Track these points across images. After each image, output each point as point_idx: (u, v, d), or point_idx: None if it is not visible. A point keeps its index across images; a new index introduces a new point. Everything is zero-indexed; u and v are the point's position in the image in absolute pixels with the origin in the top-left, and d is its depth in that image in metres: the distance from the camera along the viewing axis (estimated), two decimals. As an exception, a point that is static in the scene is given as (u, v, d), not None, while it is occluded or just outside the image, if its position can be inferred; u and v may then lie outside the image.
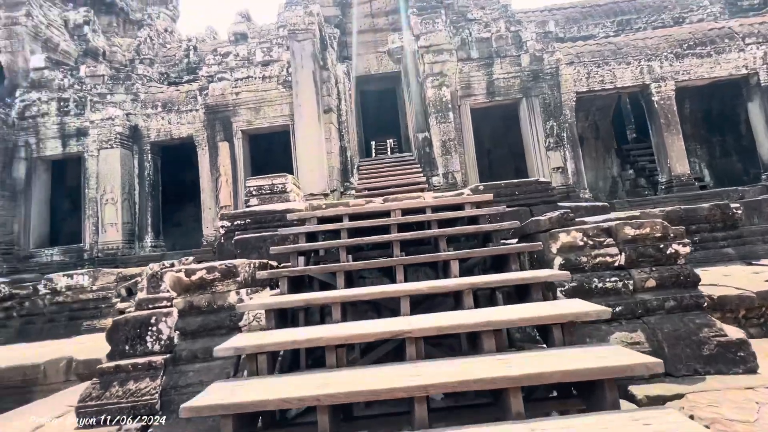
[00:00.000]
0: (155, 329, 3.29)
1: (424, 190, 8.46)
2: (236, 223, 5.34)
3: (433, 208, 3.87)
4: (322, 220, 3.93)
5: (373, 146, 14.01)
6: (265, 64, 10.37)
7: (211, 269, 3.18)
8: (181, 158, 11.64)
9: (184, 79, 12.45)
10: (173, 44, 13.94)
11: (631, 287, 2.96)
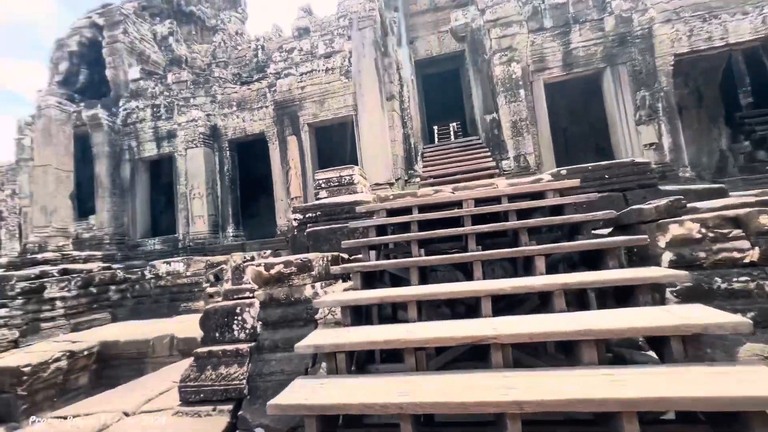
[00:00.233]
0: (240, 318, 3.53)
1: (493, 175, 8.00)
2: (307, 215, 5.50)
3: (509, 196, 3.57)
4: (390, 212, 3.85)
5: (435, 131, 13.60)
6: (327, 56, 10.50)
7: (287, 263, 3.28)
8: (254, 153, 12.42)
9: (254, 77, 13.15)
10: (243, 45, 14.76)
11: (766, 289, 2.45)
